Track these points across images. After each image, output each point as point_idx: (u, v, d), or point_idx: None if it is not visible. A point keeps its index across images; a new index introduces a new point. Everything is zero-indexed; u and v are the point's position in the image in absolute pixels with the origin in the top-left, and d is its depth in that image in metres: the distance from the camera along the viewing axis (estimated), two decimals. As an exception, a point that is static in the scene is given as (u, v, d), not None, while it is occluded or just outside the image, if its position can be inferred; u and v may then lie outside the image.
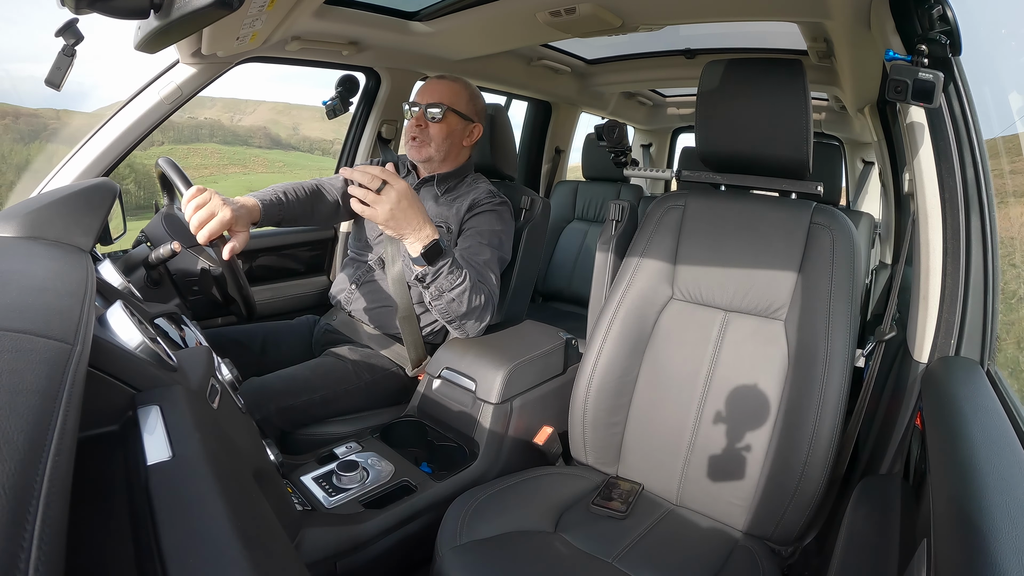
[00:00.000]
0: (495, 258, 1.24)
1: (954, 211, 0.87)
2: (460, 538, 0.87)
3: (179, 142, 11.83)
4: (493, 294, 1.20)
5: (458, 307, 1.11)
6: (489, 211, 1.29)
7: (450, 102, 1.28)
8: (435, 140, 1.29)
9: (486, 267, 1.22)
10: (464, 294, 1.10)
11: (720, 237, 1.08)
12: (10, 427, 0.29)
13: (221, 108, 13.50)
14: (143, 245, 1.43)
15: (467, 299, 1.11)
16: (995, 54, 1.29)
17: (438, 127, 1.28)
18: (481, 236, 1.25)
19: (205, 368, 0.67)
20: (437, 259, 1.04)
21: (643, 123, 3.54)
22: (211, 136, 12.79)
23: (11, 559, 0.23)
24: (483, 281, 1.18)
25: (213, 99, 13.38)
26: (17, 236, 0.69)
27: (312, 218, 1.35)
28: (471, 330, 1.20)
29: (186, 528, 0.38)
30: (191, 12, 0.62)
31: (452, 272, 1.07)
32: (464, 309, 1.12)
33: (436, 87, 1.30)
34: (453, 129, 1.30)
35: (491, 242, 1.25)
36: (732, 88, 1.04)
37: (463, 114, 1.30)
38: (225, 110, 13.55)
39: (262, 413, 1.10)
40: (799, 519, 0.92)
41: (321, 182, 1.38)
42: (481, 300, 1.14)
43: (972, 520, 0.46)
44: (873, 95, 1.86)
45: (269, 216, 1.21)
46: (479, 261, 1.22)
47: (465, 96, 1.31)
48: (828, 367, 0.92)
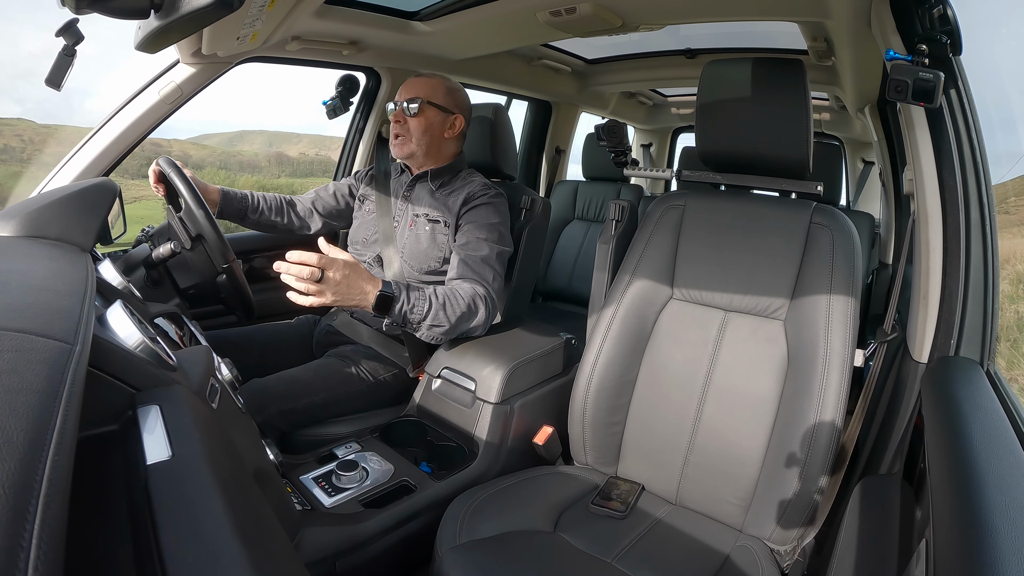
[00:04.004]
0: (494, 253, 1.25)
1: (954, 211, 0.86)
2: (460, 538, 0.87)
3: (296, 175, 12.72)
4: (489, 292, 1.19)
5: (440, 328, 1.12)
6: (485, 204, 1.29)
7: (426, 95, 1.30)
8: (415, 134, 1.31)
9: (484, 263, 1.22)
10: (439, 314, 1.10)
11: (720, 237, 1.08)
12: (10, 426, 0.29)
13: (307, 143, 14.12)
14: (143, 245, 1.43)
15: (445, 317, 1.11)
16: (996, 54, 1.29)
17: (416, 121, 1.31)
18: (479, 231, 1.25)
19: (205, 368, 0.67)
20: (392, 306, 1.05)
21: (643, 123, 3.54)
22: (324, 172, 13.49)
23: (11, 558, 0.23)
24: (478, 280, 1.19)
25: (299, 135, 14.34)
26: (17, 236, 0.69)
27: (277, 227, 1.49)
28: (473, 332, 1.20)
29: (185, 527, 0.38)
30: (191, 12, 0.62)
31: (415, 306, 1.08)
32: (447, 326, 1.12)
33: (413, 84, 1.33)
34: (432, 122, 1.32)
35: (489, 236, 1.25)
36: (732, 88, 1.04)
37: (440, 106, 1.32)
38: (311, 145, 14.13)
39: (263, 415, 1.10)
40: (798, 519, 0.92)
41: (295, 197, 1.53)
42: (462, 308, 1.14)
43: (971, 520, 0.46)
44: (873, 95, 1.86)
45: (228, 205, 1.36)
46: (477, 258, 1.22)
47: (442, 89, 1.33)
48: (827, 367, 0.92)
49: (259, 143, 14.46)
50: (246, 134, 14.99)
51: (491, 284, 1.21)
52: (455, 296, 1.14)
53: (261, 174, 12.73)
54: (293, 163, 13.17)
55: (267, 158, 13.48)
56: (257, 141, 14.55)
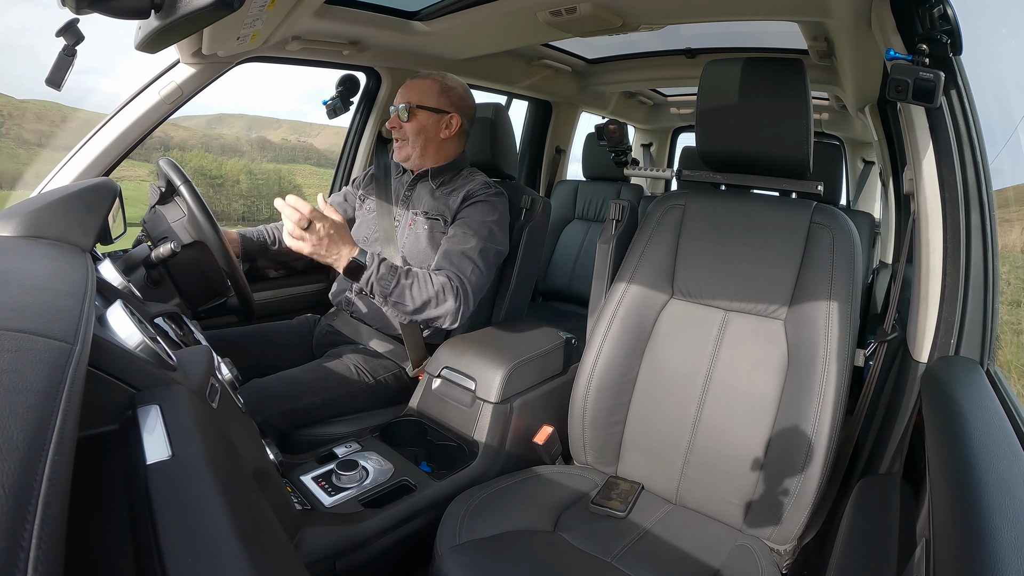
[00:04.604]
0: (478, 248, 1.24)
1: (954, 211, 0.86)
2: (459, 537, 0.87)
3: (279, 160, 12.73)
4: (464, 284, 1.19)
5: (403, 308, 1.15)
6: (482, 201, 1.30)
7: (416, 99, 1.32)
8: (409, 137, 1.33)
9: (464, 256, 1.22)
10: (405, 293, 1.13)
11: (720, 237, 1.08)
12: (10, 426, 0.29)
13: (288, 129, 14.14)
14: (143, 245, 1.43)
15: (410, 297, 1.14)
16: (996, 54, 1.29)
17: (409, 125, 1.32)
18: (469, 226, 1.26)
19: (205, 367, 0.67)
20: (360, 273, 1.10)
21: (643, 123, 3.54)
22: (305, 159, 13.57)
23: (10, 558, 0.23)
24: (454, 272, 1.19)
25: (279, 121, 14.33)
26: (17, 236, 0.69)
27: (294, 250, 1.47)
28: (441, 322, 1.19)
29: (185, 527, 0.38)
30: (192, 12, 0.62)
31: (384, 280, 1.11)
32: (411, 307, 1.14)
33: (407, 87, 1.34)
34: (424, 125, 1.32)
35: (478, 232, 1.25)
36: (733, 88, 1.04)
37: (432, 108, 1.32)
38: (292, 131, 14.19)
39: (263, 416, 1.10)
40: (798, 518, 0.92)
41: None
42: (429, 294, 1.15)
43: (971, 520, 0.46)
44: (874, 95, 1.85)
45: (249, 244, 1.43)
46: (458, 251, 1.22)
47: (435, 90, 1.33)
48: (827, 367, 0.92)
49: (239, 127, 14.43)
50: (225, 117, 14.95)
51: (467, 276, 1.20)
52: (426, 281, 1.16)
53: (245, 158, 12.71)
54: (275, 148, 13.21)
55: (249, 142, 13.51)
56: (237, 125, 14.52)
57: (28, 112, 8.28)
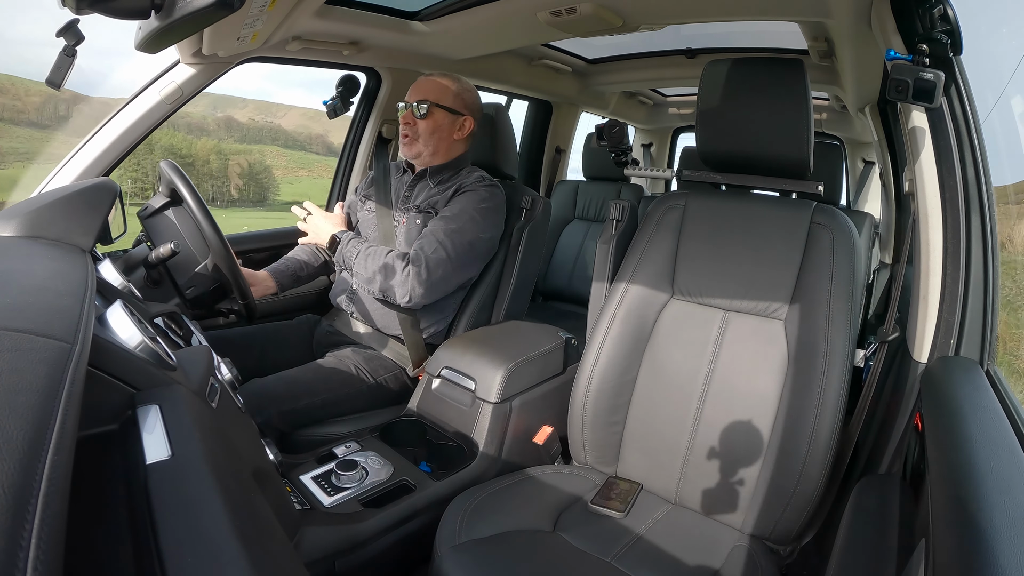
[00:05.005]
0: (450, 229, 1.25)
1: (954, 211, 0.86)
2: (459, 537, 0.87)
3: (245, 141, 12.78)
4: (420, 257, 1.22)
5: (361, 277, 1.27)
6: (471, 191, 1.31)
7: (435, 98, 1.31)
8: (422, 136, 1.33)
9: (430, 235, 1.25)
10: (362, 262, 1.25)
11: (720, 237, 1.08)
12: (10, 426, 0.29)
13: (254, 109, 14.16)
14: (143, 245, 1.43)
15: (364, 266, 1.25)
16: (996, 54, 1.29)
17: (424, 123, 1.32)
18: (450, 212, 1.28)
19: (205, 367, 0.67)
20: (334, 246, 1.31)
21: (644, 123, 3.54)
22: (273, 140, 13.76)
23: (10, 558, 0.23)
24: (417, 248, 1.24)
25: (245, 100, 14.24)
26: (17, 236, 0.69)
27: (320, 270, 1.57)
28: (394, 294, 1.24)
29: (185, 527, 0.38)
30: (192, 12, 0.62)
31: (351, 250, 1.28)
32: (365, 275, 1.25)
33: (423, 84, 1.34)
34: (440, 124, 1.33)
35: (457, 217, 1.27)
36: (733, 88, 1.04)
37: (450, 108, 1.32)
38: (258, 111, 14.25)
39: (263, 416, 1.10)
40: (798, 518, 0.92)
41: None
42: (380, 262, 1.23)
43: (971, 520, 0.46)
44: (874, 95, 1.85)
45: (281, 277, 1.44)
46: (429, 232, 1.26)
47: (452, 91, 1.33)
48: (827, 367, 0.92)
49: (203, 105, 14.47)
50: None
51: (428, 255, 1.22)
52: (381, 254, 1.23)
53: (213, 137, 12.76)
54: (243, 128, 13.36)
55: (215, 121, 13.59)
56: (201, 103, 14.49)
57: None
